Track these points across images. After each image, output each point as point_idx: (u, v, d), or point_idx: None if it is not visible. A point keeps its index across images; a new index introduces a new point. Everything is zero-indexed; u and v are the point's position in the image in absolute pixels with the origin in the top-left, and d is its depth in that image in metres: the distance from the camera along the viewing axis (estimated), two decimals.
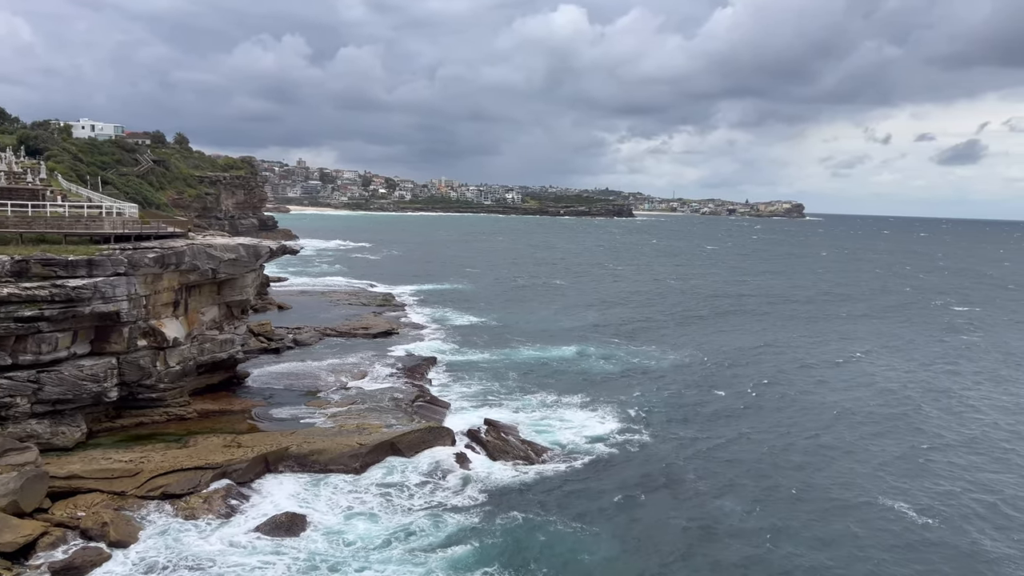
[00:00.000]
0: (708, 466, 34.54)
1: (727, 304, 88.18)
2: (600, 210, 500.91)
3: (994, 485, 33.15)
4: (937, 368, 56.49)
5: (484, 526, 27.47)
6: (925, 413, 43.99)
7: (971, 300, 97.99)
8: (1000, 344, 66.40)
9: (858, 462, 35.44)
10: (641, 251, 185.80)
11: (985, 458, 36.77)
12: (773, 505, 30.34)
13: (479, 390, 45.81)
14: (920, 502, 30.73)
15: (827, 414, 43.35)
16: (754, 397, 46.81)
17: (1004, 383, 52.46)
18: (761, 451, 36.69)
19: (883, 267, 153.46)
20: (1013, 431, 41.53)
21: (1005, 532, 28.56)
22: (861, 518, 29.18)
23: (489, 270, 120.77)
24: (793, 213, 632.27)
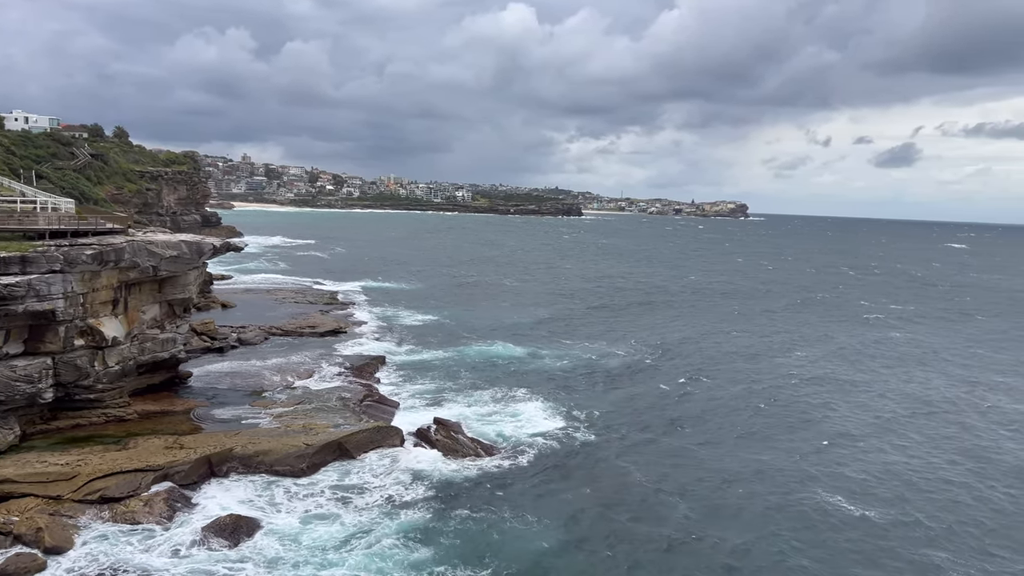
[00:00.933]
0: (648, 458, 35.34)
1: (669, 300, 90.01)
2: (550, 209, 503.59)
3: (902, 470, 34.49)
4: (855, 361, 58.71)
5: (436, 524, 27.48)
6: (837, 406, 45.77)
7: (899, 299, 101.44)
8: (915, 340, 68.91)
9: (777, 450, 36.75)
10: (589, 250, 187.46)
11: (891, 443, 38.27)
12: (706, 494, 31.32)
13: (428, 388, 45.68)
14: (837, 487, 31.84)
15: (754, 406, 44.93)
16: (689, 390, 47.99)
17: (911, 374, 54.52)
18: (696, 442, 37.79)
19: (819, 266, 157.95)
20: (913, 418, 43.73)
21: (904, 507, 29.79)
22: (783, 504, 30.14)
23: (438, 268, 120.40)
24: (737, 213, 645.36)
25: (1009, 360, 61.40)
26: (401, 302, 79.24)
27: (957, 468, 35.70)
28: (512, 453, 35.07)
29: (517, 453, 35.10)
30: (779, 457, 36.27)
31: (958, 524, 29.47)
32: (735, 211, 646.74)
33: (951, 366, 58.39)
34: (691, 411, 43.69)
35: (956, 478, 34.39)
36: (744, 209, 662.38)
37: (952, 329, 76.41)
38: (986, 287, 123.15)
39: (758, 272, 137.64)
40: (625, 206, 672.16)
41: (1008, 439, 40.43)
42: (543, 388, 46.86)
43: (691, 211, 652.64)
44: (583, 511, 29.26)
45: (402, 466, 32.75)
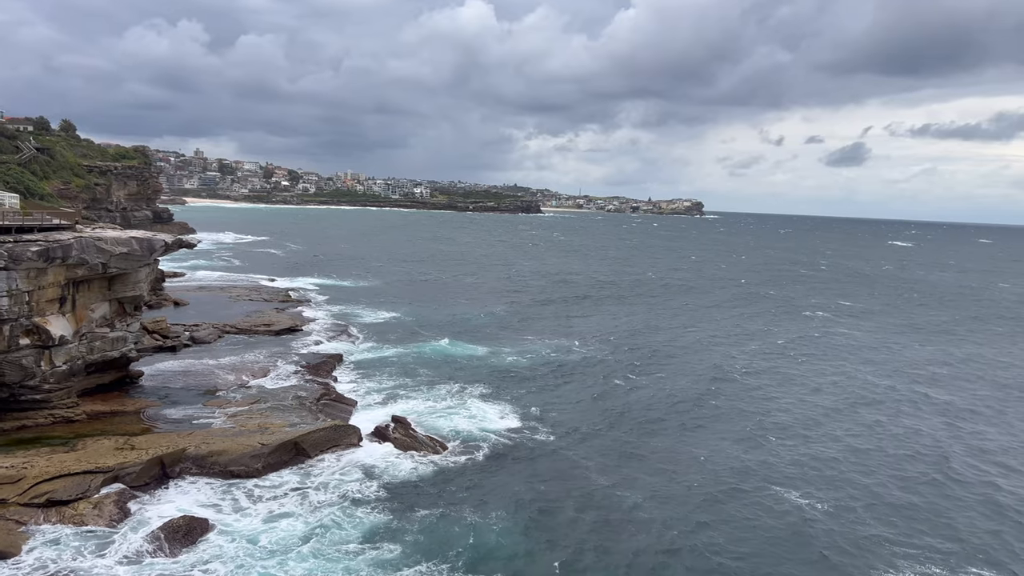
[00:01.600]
0: (601, 452, 35.86)
1: (625, 296, 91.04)
2: (509, 206, 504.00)
3: (839, 459, 35.49)
4: (798, 355, 60.18)
5: (394, 522, 27.40)
6: (779, 398, 46.99)
7: (845, 295, 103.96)
8: (854, 335, 70.78)
9: (722, 442, 37.56)
10: (547, 247, 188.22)
11: (829, 433, 39.33)
12: (654, 485, 31.92)
13: (386, 386, 45.45)
14: (777, 475, 32.63)
15: (700, 400, 46.06)
16: (640, 384, 48.75)
17: (850, 367, 56.01)
18: (645, 435, 38.41)
19: (770, 264, 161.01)
20: (849, 408, 45.17)
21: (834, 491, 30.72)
22: (727, 493, 30.81)
23: (396, 265, 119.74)
24: (693, 211, 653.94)
25: (941, 352, 63.35)
26: (358, 299, 78.65)
27: (884, 455, 36.81)
28: (469, 449, 35.13)
29: (474, 449, 35.18)
30: (723, 448, 37.15)
31: (888, 507, 30.51)
32: (691, 209, 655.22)
33: (888, 358, 60.27)
34: (641, 405, 44.48)
35: (884, 465, 35.48)
36: (700, 207, 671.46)
37: (890, 323, 78.67)
38: (926, 283, 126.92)
39: (710, 269, 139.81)
40: (583, 204, 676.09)
41: (930, 425, 41.79)
42: (500, 384, 47.01)
43: (648, 209, 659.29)
44: (539, 505, 29.54)
45: (360, 464, 32.58)
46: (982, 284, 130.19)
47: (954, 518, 30.30)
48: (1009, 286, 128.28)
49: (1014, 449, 39.18)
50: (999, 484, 34.09)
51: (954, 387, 52.21)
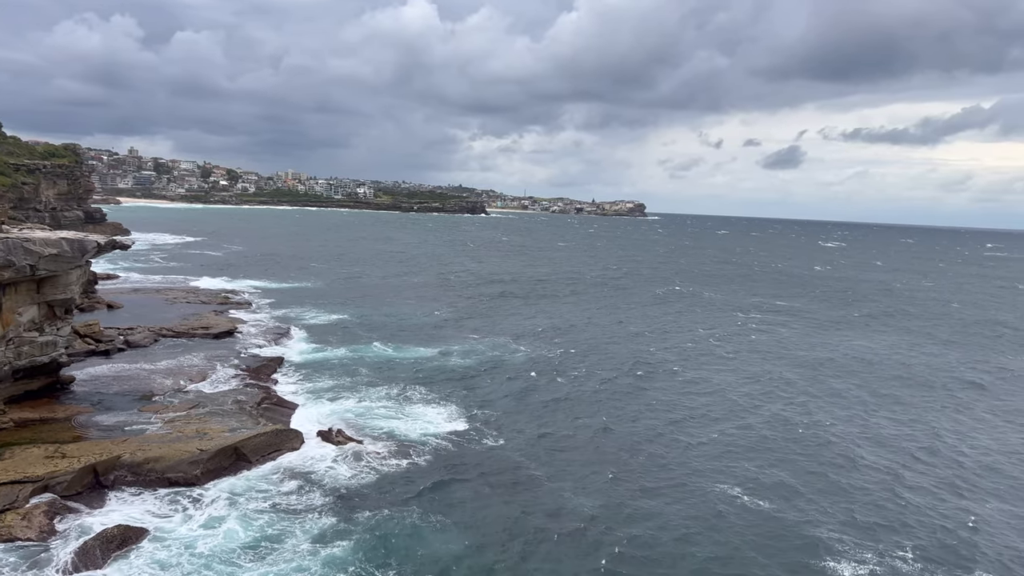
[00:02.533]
0: (546, 453, 36.02)
1: (569, 295, 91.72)
2: (454, 207, 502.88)
3: (786, 454, 36.67)
4: (733, 352, 61.46)
5: (338, 527, 27.11)
6: (707, 395, 47.89)
7: (778, 294, 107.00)
8: (777, 333, 73.01)
9: (663, 440, 38.15)
10: (492, 247, 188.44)
11: (781, 434, 40.63)
12: (599, 485, 32.25)
13: (329, 389, 44.91)
14: (722, 473, 33.48)
15: (643, 399, 46.72)
16: (585, 383, 49.08)
17: (766, 362, 57.83)
18: (590, 435, 38.82)
19: (708, 263, 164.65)
20: (764, 402, 46.43)
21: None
22: (671, 491, 31.42)
23: (339, 266, 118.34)
24: (636, 212, 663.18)
25: (859, 347, 65.70)
26: (299, 301, 77.50)
27: (805, 444, 38.07)
28: (414, 451, 34.98)
29: (419, 451, 35.05)
30: (665, 446, 37.86)
31: (821, 493, 31.55)
32: (633, 210, 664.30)
33: (809, 353, 62.06)
34: (581, 402, 45.13)
35: (806, 454, 36.69)
36: (642, 208, 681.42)
37: (814, 320, 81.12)
38: (850, 281, 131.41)
39: (647, 269, 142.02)
40: (528, 204, 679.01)
41: (844, 415, 43.41)
42: (444, 385, 46.94)
43: (592, 210, 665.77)
44: (485, 507, 29.59)
45: (302, 469, 32.15)
46: (902, 282, 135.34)
47: (855, 496, 31.82)
48: (932, 284, 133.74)
49: (916, 436, 40.90)
50: (900, 470, 35.56)
51: (866, 377, 54.72)
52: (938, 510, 31.49)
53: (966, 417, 45.94)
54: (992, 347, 70.49)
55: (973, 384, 54.77)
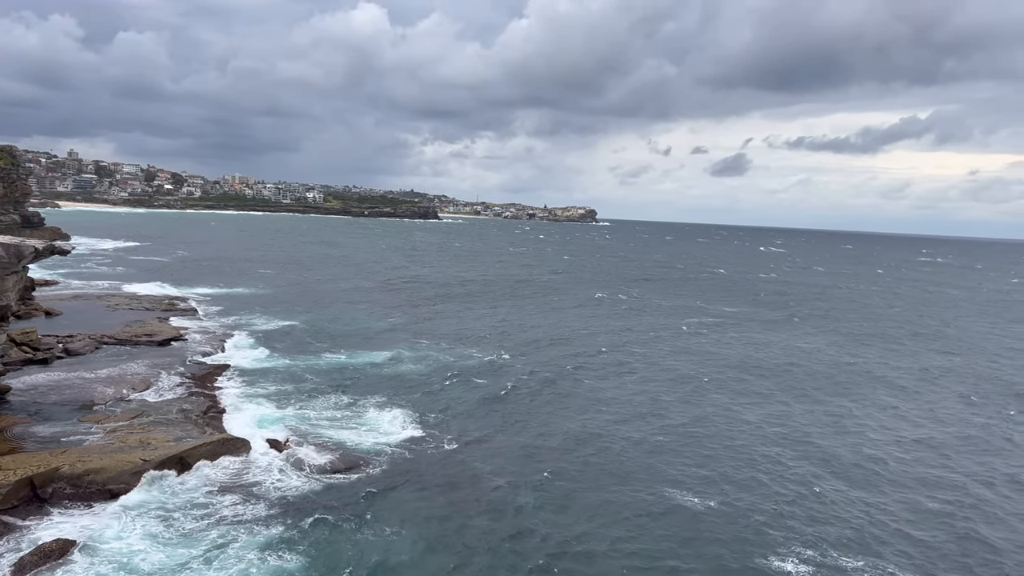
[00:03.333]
0: (499, 458, 36.05)
1: (521, 299, 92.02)
2: (405, 212, 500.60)
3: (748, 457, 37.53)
4: (678, 355, 62.65)
5: (287, 538, 26.71)
6: (673, 401, 48.66)
7: (717, 297, 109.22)
8: (719, 333, 74.76)
9: (611, 441, 38.62)
10: (444, 252, 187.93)
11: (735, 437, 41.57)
12: (547, 489, 32.45)
13: (277, 396, 44.24)
14: (670, 476, 34.08)
15: (590, 399, 47.49)
16: (537, 387, 49.41)
17: (709, 362, 59.30)
18: (542, 439, 38.92)
19: (655, 267, 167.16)
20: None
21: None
22: (618, 494, 31.87)
23: (287, 272, 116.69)
24: (587, 218, 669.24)
25: (787, 347, 67.61)
26: (247, 307, 76.22)
27: (759, 445, 39.04)
28: (364, 459, 34.70)
29: (369, 459, 34.79)
30: (606, 446, 38.44)
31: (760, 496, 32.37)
32: (585, 216, 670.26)
33: (744, 352, 63.63)
34: (532, 407, 45.40)
35: (770, 455, 37.65)
36: (593, 214, 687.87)
37: (754, 322, 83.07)
38: (789, 284, 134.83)
39: (596, 274, 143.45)
40: (481, 210, 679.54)
41: (773, 411, 44.68)
42: (395, 391, 46.68)
43: (544, 216, 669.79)
44: (435, 513, 29.48)
45: (250, 479, 31.64)
46: (842, 286, 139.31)
47: (781, 492, 32.63)
48: (867, 288, 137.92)
49: (835, 432, 42.31)
50: (821, 465, 36.67)
51: (797, 376, 56.68)
52: (854, 502, 32.60)
53: (885, 416, 47.47)
54: (915, 348, 73.01)
55: (894, 383, 56.65)
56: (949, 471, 37.74)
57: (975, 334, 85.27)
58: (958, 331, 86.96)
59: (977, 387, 56.96)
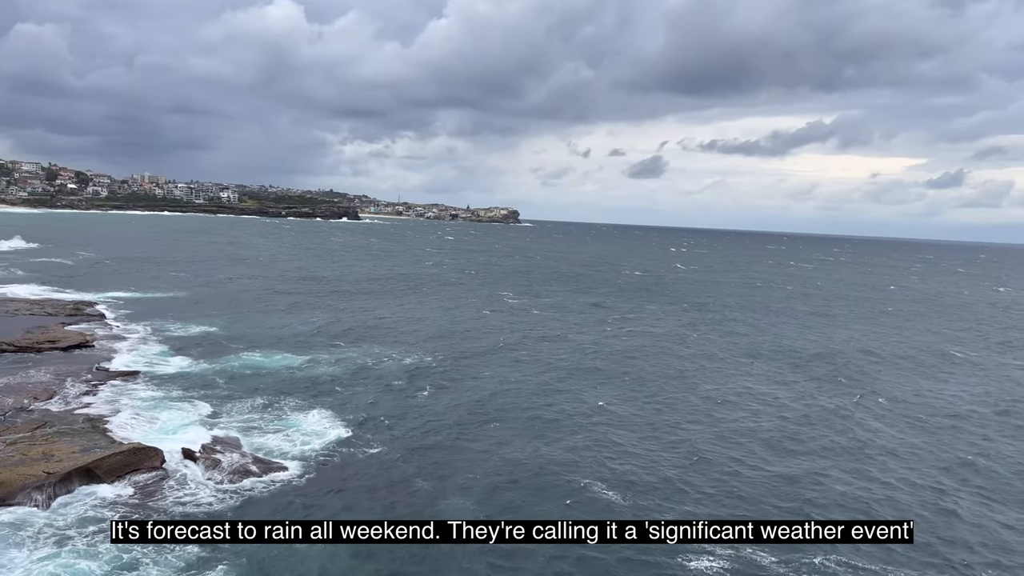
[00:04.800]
0: (423, 459, 35.80)
1: (441, 299, 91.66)
2: (325, 212, 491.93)
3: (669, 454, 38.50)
4: (593, 353, 64.04)
5: (206, 554, 25.79)
6: (581, 395, 49.66)
7: (628, 296, 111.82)
8: (633, 328, 76.79)
9: (530, 439, 39.03)
10: (363, 252, 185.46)
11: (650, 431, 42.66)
12: (477, 488, 32.48)
13: (192, 402, 42.69)
14: (593, 471, 34.68)
15: (509, 398, 47.90)
16: (461, 385, 49.33)
17: (619, 355, 60.98)
18: (467, 438, 38.96)
19: (562, 267, 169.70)
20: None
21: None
22: (545, 489, 32.24)
23: (200, 274, 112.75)
24: (510, 219, 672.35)
25: (677, 337, 69.98)
26: (159, 311, 73.34)
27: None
28: (288, 467, 33.84)
29: (292, 465, 33.95)
30: (523, 440, 38.91)
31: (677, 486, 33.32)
32: (508, 217, 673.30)
33: (643, 342, 65.47)
34: (450, 405, 45.44)
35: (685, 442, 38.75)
36: (516, 215, 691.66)
37: (659, 319, 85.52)
38: (697, 283, 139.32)
39: (515, 273, 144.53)
40: (403, 210, 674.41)
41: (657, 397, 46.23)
42: (316, 394, 45.83)
43: (467, 216, 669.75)
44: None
45: (164, 490, 30.44)
46: (749, 282, 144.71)
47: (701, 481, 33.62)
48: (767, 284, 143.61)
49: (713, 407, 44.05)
50: (683, 434, 38.14)
51: (679, 363, 58.01)
52: (722, 468, 34.11)
53: (760, 403, 49.60)
54: (802, 332, 76.54)
55: (775, 365, 59.39)
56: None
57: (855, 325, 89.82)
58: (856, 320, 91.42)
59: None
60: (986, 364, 69.46)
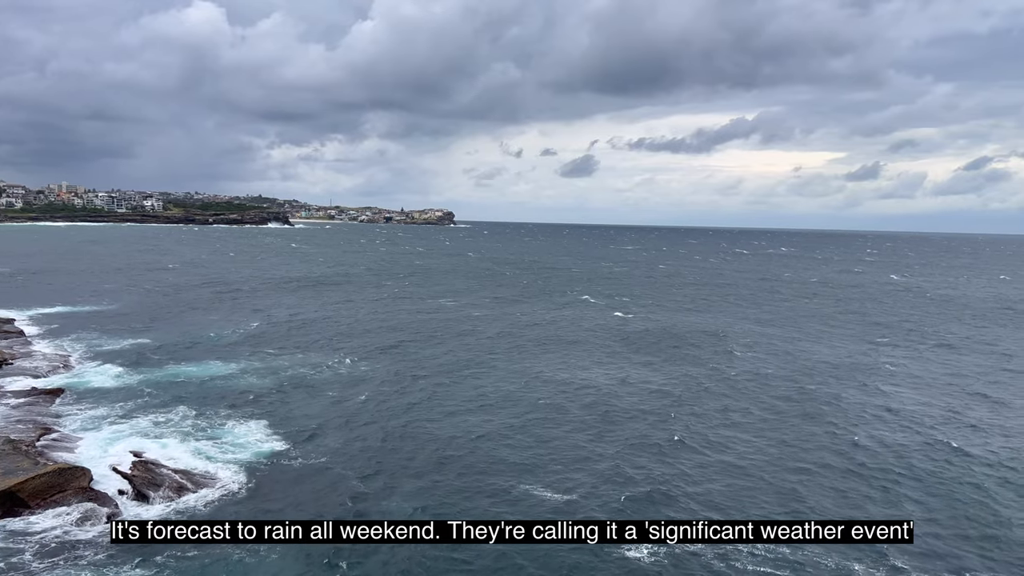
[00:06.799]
0: (359, 462, 35.52)
1: (372, 304, 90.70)
2: (254, 218, 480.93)
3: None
4: (519, 347, 64.71)
5: (144, 574, 24.89)
6: (512, 393, 50.10)
7: (559, 290, 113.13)
8: (565, 322, 77.85)
9: (457, 435, 39.19)
10: (292, 256, 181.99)
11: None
12: (404, 487, 32.54)
13: (121, 418, 41.21)
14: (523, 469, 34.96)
15: (432, 396, 48.43)
16: (389, 388, 49.46)
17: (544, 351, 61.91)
18: (398, 439, 38.83)
19: (503, 269, 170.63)
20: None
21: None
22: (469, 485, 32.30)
23: (124, 285, 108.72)
24: (445, 221, 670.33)
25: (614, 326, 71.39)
26: (82, 324, 70.54)
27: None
28: (223, 480, 32.99)
29: (228, 479, 33.10)
30: (455, 440, 39.00)
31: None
32: (443, 219, 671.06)
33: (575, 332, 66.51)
34: (380, 408, 45.40)
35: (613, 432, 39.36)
36: (451, 217, 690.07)
37: (587, 311, 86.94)
38: (624, 278, 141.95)
39: (447, 274, 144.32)
40: (335, 214, 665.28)
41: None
42: (251, 406, 44.77)
43: (401, 219, 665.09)
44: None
45: (93, 511, 29.23)
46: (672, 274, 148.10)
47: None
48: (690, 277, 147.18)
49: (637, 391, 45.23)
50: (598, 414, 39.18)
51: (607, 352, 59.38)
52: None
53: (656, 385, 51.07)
54: (699, 318, 78.96)
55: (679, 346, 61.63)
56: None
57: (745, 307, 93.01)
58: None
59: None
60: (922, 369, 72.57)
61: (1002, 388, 54.97)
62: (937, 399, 51.05)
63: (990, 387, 55.23)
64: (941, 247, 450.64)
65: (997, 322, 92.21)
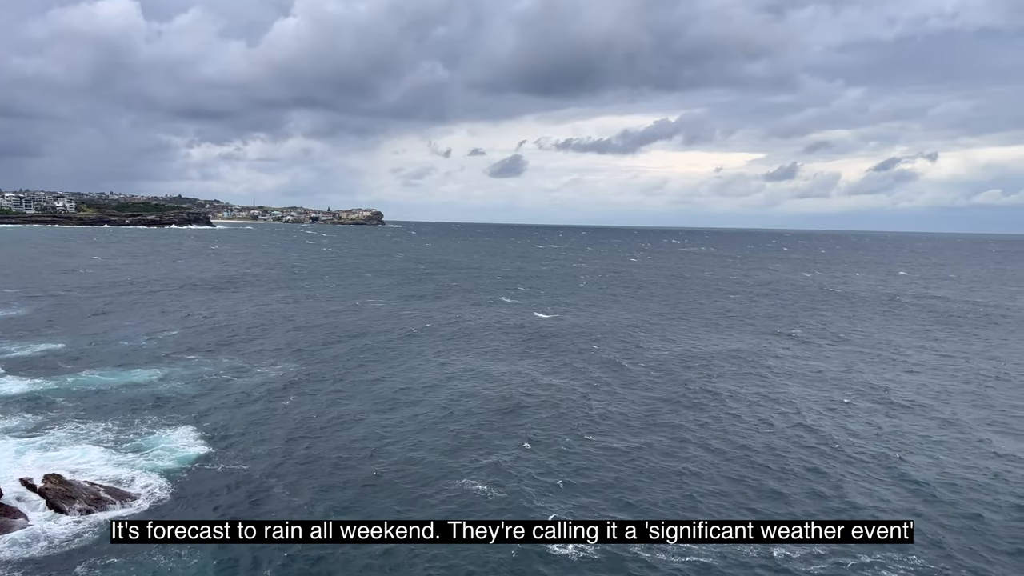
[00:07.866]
0: (287, 470, 34.93)
1: (296, 306, 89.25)
2: (173, 218, 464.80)
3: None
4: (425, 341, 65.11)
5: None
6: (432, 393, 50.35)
7: (486, 289, 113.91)
8: (486, 319, 78.63)
9: (384, 437, 39.13)
10: (212, 258, 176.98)
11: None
12: (324, 485, 32.70)
13: (33, 430, 39.33)
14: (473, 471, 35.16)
15: (360, 403, 47.49)
16: (308, 390, 49.09)
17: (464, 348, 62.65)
18: (328, 447, 38.28)
19: (412, 268, 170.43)
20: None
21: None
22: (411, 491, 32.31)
23: (35, 290, 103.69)
24: (374, 220, 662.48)
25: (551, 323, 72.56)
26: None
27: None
28: (147, 491, 31.85)
29: (153, 490, 31.98)
30: (371, 434, 39.24)
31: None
32: (371, 219, 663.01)
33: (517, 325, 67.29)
34: (313, 409, 45.28)
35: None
36: (380, 217, 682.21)
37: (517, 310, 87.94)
38: (552, 276, 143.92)
39: (380, 275, 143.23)
40: (259, 214, 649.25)
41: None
42: (172, 412, 43.42)
43: (328, 219, 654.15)
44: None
45: (2, 526, 27.89)
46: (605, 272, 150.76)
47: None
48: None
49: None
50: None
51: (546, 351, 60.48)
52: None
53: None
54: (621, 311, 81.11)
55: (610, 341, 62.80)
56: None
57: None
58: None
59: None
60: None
61: (881, 373, 58.15)
62: (812, 388, 54.14)
63: (871, 374, 58.35)
64: (851, 245, 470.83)
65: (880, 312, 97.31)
